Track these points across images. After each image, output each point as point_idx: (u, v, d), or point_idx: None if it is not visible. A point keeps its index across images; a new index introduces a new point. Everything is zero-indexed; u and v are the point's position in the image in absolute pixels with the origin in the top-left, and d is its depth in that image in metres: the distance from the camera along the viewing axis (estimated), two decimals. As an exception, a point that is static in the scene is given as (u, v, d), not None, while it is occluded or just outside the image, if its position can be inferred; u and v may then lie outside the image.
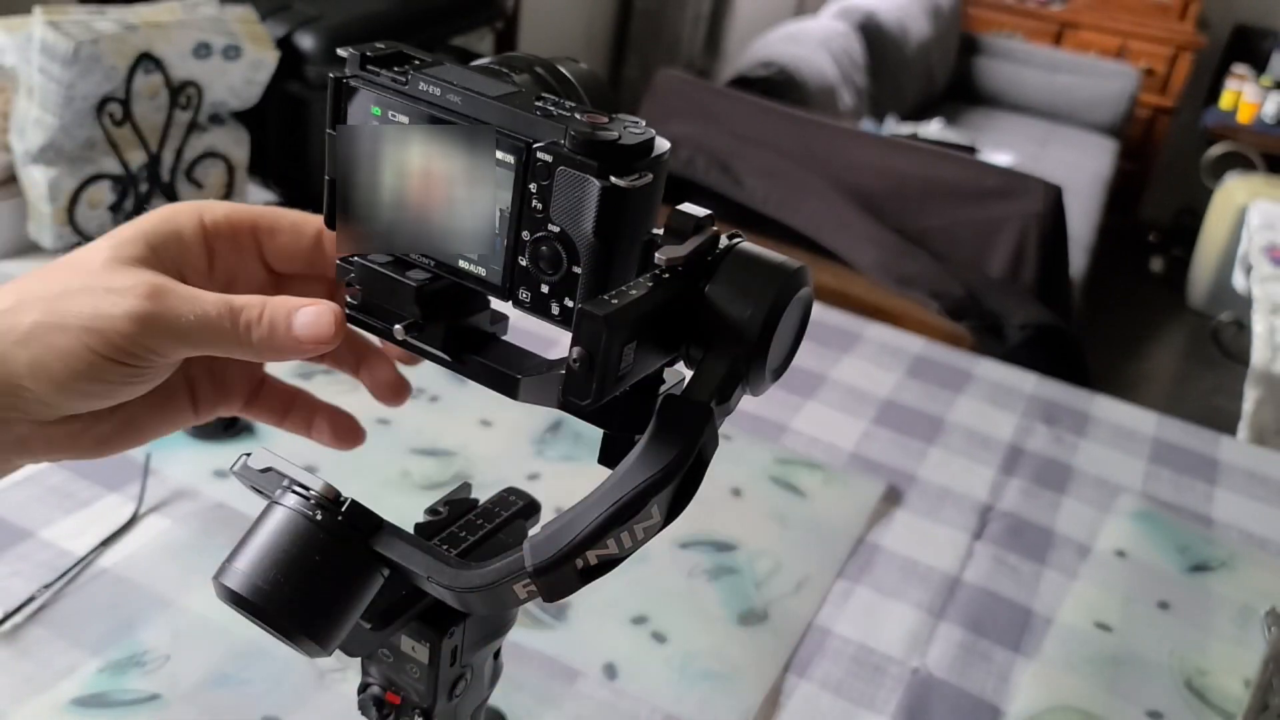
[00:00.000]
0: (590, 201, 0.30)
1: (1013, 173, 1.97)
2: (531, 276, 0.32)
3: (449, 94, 0.33)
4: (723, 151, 1.92)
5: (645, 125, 0.31)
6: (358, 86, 0.34)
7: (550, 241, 0.31)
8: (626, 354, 0.30)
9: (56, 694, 0.60)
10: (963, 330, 1.65)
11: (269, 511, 0.36)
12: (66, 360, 0.33)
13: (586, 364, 0.29)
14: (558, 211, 0.31)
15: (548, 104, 0.32)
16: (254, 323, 0.35)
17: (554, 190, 0.31)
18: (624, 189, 0.30)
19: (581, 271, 0.31)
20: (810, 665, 0.70)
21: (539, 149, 0.31)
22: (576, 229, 0.31)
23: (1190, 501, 0.94)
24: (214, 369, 0.41)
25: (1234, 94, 3.65)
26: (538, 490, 0.46)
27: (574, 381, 0.30)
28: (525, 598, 0.33)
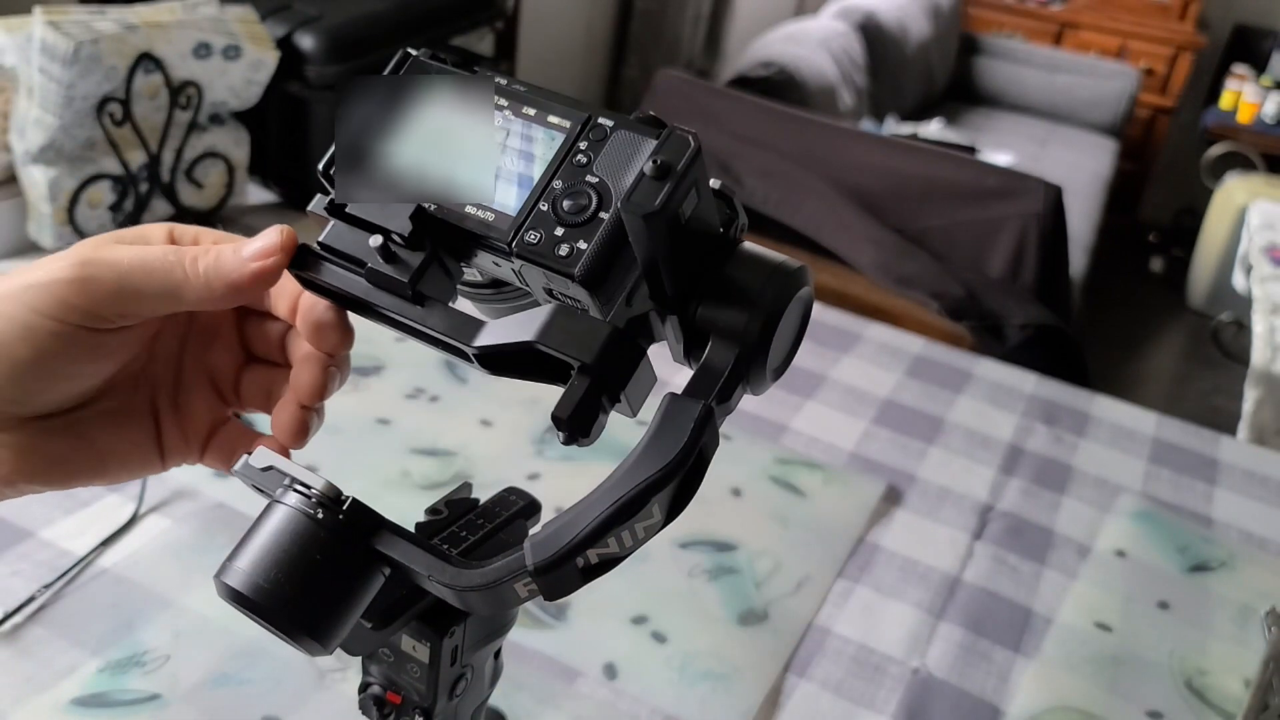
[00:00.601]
0: (642, 158, 0.32)
1: (1013, 173, 1.97)
2: (548, 220, 0.33)
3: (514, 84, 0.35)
4: (723, 151, 1.92)
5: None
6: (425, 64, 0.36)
7: (586, 189, 0.33)
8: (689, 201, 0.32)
9: (57, 694, 0.60)
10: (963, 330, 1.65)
11: (270, 510, 0.36)
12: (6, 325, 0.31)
13: (664, 171, 0.31)
14: (603, 165, 0.33)
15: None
16: (200, 254, 0.34)
17: (606, 147, 0.33)
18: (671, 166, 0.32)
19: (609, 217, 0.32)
20: (810, 665, 0.70)
21: (602, 116, 0.33)
22: (618, 181, 0.32)
23: (1190, 501, 0.94)
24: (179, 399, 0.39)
25: (1234, 94, 3.65)
26: (538, 490, 0.46)
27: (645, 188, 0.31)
28: (526, 597, 0.33)
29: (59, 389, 0.34)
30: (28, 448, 0.33)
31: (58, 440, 0.34)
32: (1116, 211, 3.49)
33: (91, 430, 0.36)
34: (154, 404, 0.38)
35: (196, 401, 0.39)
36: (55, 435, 0.34)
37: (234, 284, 0.34)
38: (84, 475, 0.36)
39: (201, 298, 0.34)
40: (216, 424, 0.39)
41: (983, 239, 1.85)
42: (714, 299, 0.32)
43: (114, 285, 0.32)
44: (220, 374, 0.40)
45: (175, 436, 0.38)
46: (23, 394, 0.33)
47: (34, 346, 0.32)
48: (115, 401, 0.37)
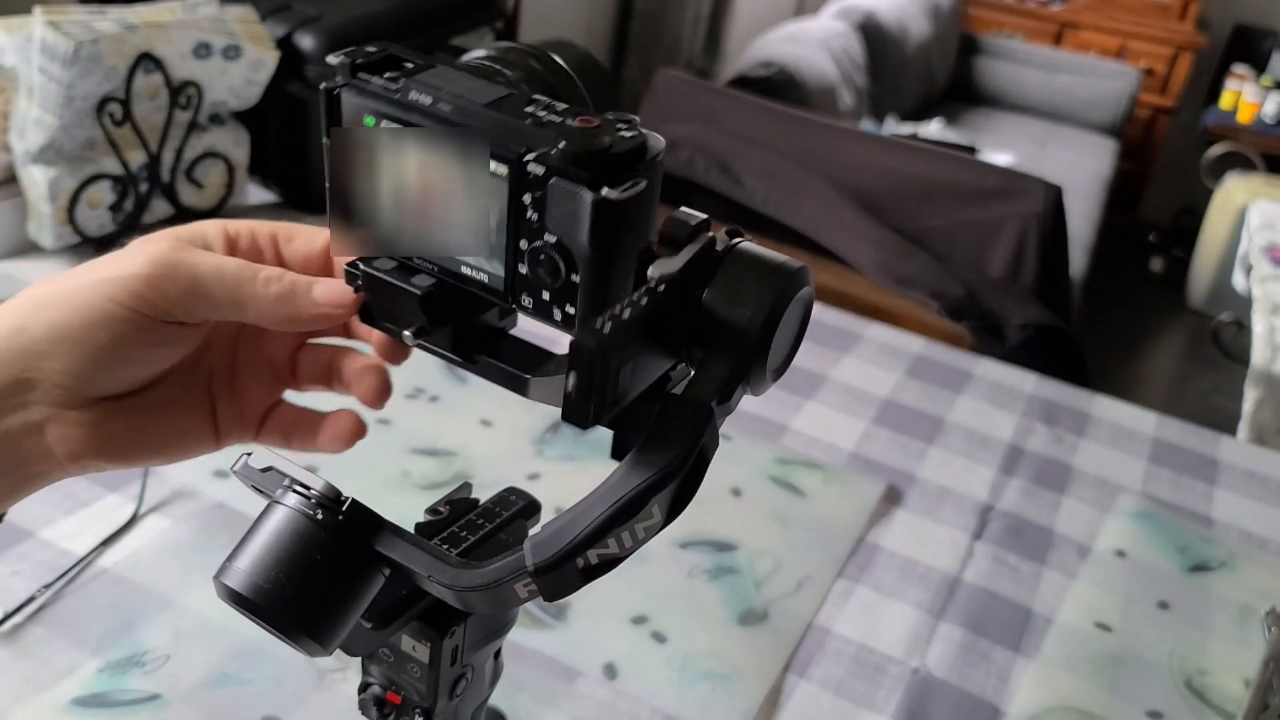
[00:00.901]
0: (584, 213, 0.30)
1: (1013, 173, 1.97)
2: (532, 283, 0.32)
3: (440, 103, 0.32)
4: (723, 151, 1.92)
5: (638, 124, 0.31)
6: (350, 96, 0.34)
7: (547, 250, 0.31)
8: (623, 375, 0.30)
9: (57, 694, 0.60)
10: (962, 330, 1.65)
11: (270, 511, 0.36)
12: (84, 314, 0.33)
13: (583, 392, 0.29)
14: (553, 221, 0.31)
15: (539, 108, 0.32)
16: (273, 279, 0.36)
17: (548, 200, 0.30)
18: (616, 201, 0.30)
19: (580, 280, 0.31)
20: (810, 665, 0.70)
21: (530, 161, 0.30)
22: (572, 239, 0.31)
23: (1190, 501, 0.94)
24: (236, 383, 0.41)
25: (1234, 94, 3.65)
26: (538, 490, 0.46)
27: (571, 407, 0.30)
28: (526, 597, 0.33)
29: (129, 372, 0.36)
30: (95, 426, 0.35)
31: (122, 419, 0.36)
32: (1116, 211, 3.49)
33: (153, 412, 0.37)
34: (210, 387, 0.40)
35: (252, 384, 0.41)
36: (120, 415, 0.36)
37: (295, 318, 0.36)
38: (144, 454, 0.38)
39: (261, 318, 0.36)
40: (271, 404, 0.42)
41: (983, 239, 1.85)
42: (714, 299, 0.32)
43: (187, 288, 0.35)
44: (276, 357, 0.42)
45: (231, 417, 0.40)
46: (97, 375, 0.35)
47: (111, 332, 0.34)
48: (175, 385, 0.38)
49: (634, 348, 0.30)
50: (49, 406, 0.34)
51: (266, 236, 0.40)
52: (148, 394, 0.37)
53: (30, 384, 0.34)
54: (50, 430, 0.35)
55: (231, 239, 0.39)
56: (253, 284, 0.35)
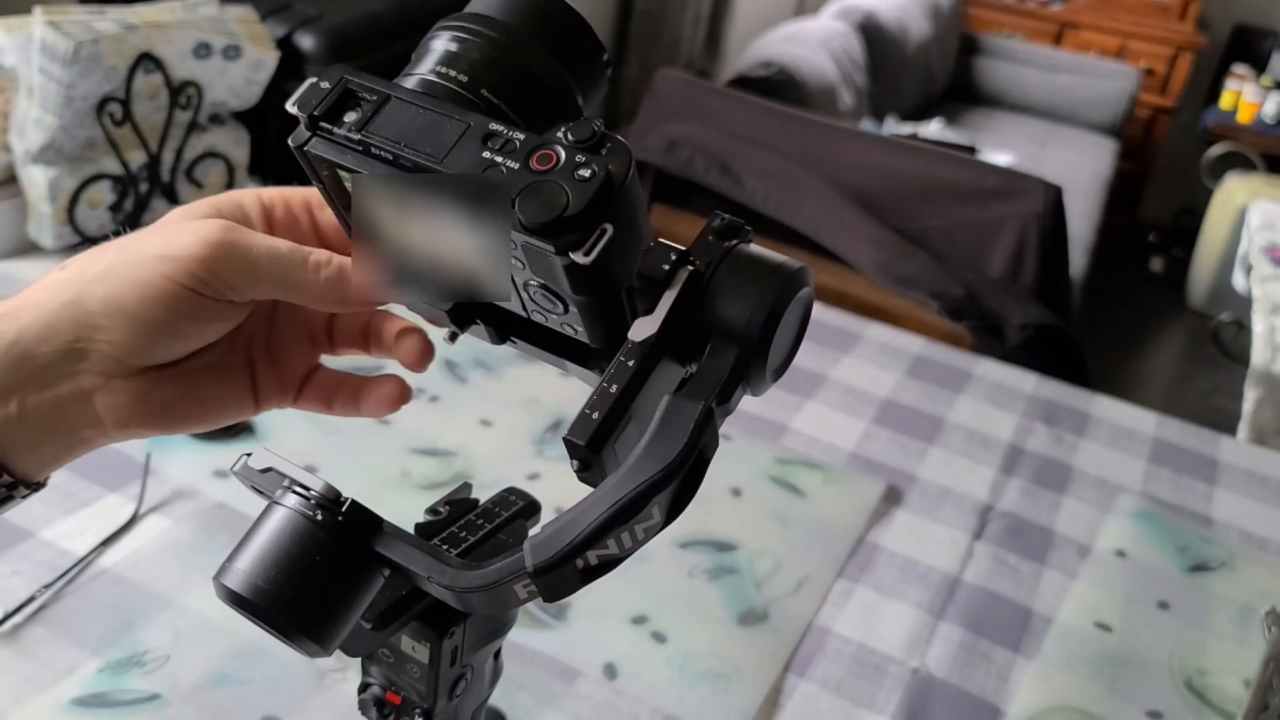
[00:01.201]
0: (559, 271, 0.31)
1: (1013, 173, 1.97)
2: (542, 305, 0.34)
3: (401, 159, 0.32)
4: (723, 151, 1.92)
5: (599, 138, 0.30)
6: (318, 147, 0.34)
7: (541, 289, 0.32)
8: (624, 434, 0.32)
9: (57, 694, 0.60)
10: (962, 330, 1.65)
11: (269, 512, 0.36)
12: (142, 289, 0.34)
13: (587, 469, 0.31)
14: (537, 270, 0.32)
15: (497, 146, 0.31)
16: (323, 264, 0.36)
17: (525, 254, 0.31)
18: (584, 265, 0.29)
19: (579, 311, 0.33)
20: (810, 665, 0.70)
21: None
22: (558, 286, 0.32)
23: (1190, 501, 0.94)
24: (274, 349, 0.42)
25: (1234, 94, 3.65)
26: (538, 490, 0.46)
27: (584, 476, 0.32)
28: (526, 598, 0.33)
29: (179, 345, 0.37)
30: (143, 394, 0.36)
31: (168, 387, 0.37)
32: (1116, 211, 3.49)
33: (197, 380, 0.38)
34: (250, 353, 0.41)
35: (290, 350, 0.42)
36: (166, 383, 0.37)
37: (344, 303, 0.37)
38: (189, 421, 0.39)
39: (310, 302, 0.37)
40: (310, 370, 0.42)
41: (983, 239, 1.85)
42: (714, 300, 0.32)
43: (242, 270, 0.35)
44: (314, 322, 0.42)
45: (270, 384, 0.41)
46: (150, 348, 0.36)
47: (168, 308, 0.35)
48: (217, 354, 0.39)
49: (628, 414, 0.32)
50: (99, 376, 0.35)
51: (300, 204, 0.40)
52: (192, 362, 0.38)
53: (82, 354, 0.35)
54: (99, 398, 0.35)
55: (267, 209, 0.40)
56: (304, 269, 0.36)
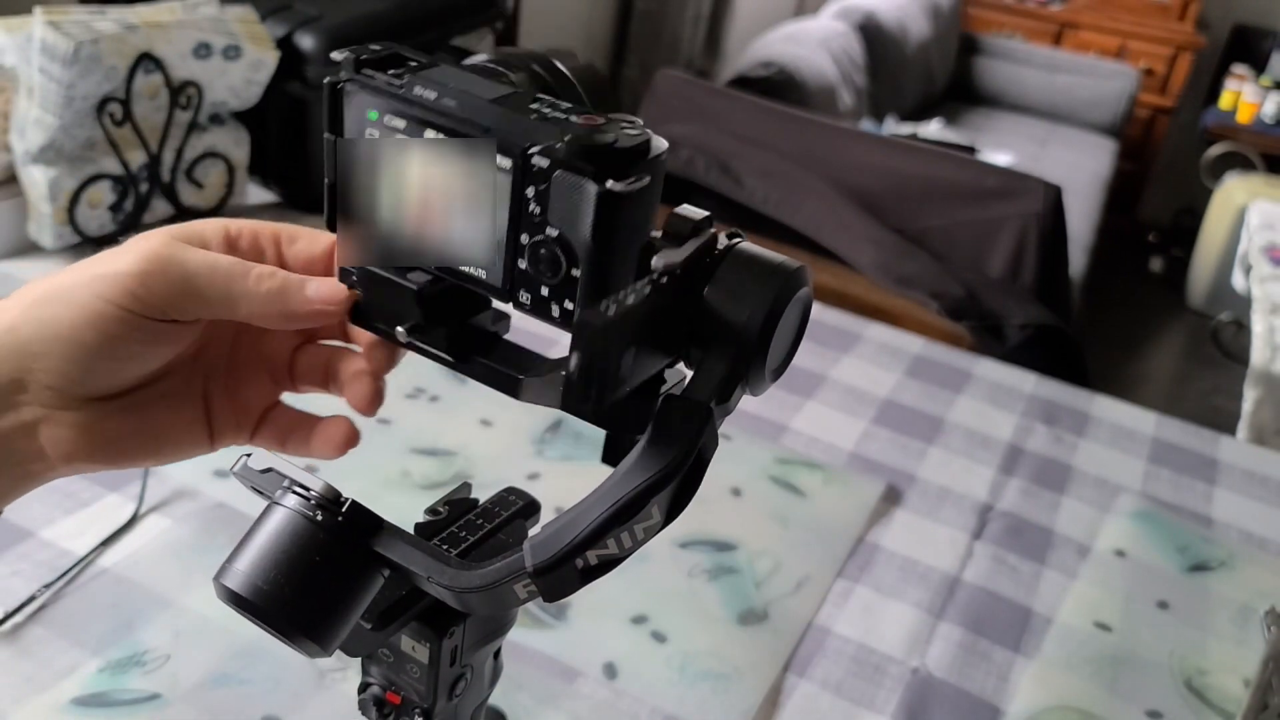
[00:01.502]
0: (587, 206, 0.30)
1: (1012, 173, 1.97)
2: (531, 279, 0.32)
3: (445, 98, 0.32)
4: (723, 151, 1.92)
5: (642, 126, 0.31)
6: (353, 90, 0.34)
7: (549, 245, 0.31)
8: (625, 361, 0.30)
9: (57, 694, 0.60)
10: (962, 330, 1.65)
11: (269, 512, 0.36)
12: (74, 312, 0.33)
13: (584, 373, 0.29)
14: (555, 215, 0.31)
15: (543, 105, 0.32)
16: (265, 276, 0.35)
17: (551, 194, 0.30)
18: (620, 193, 0.30)
19: (580, 274, 0.31)
20: (810, 665, 0.70)
21: (535, 153, 0.31)
22: (574, 233, 0.31)
23: (1190, 501, 0.94)
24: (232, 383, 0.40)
25: (1233, 94, 3.65)
26: (538, 490, 0.46)
27: (573, 391, 0.30)
28: (525, 598, 0.33)
29: (121, 371, 0.35)
30: (88, 426, 0.35)
31: (115, 420, 0.36)
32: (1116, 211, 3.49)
33: (147, 412, 0.37)
34: (206, 387, 0.40)
35: (249, 385, 0.41)
36: (113, 415, 0.36)
37: (288, 315, 0.36)
38: (137, 455, 0.37)
39: (254, 316, 0.36)
40: (268, 406, 0.41)
41: (983, 239, 1.85)
42: (713, 299, 0.32)
43: (179, 284, 0.34)
44: (275, 357, 0.41)
45: (226, 418, 0.40)
46: (88, 375, 0.34)
47: (100, 331, 0.33)
48: (170, 384, 0.38)
49: (636, 335, 0.30)
50: (41, 407, 0.34)
51: (269, 237, 0.39)
52: (142, 394, 0.37)
53: (21, 384, 0.33)
54: (43, 431, 0.34)
55: (232, 239, 0.38)
56: (244, 281, 0.35)
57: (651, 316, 0.31)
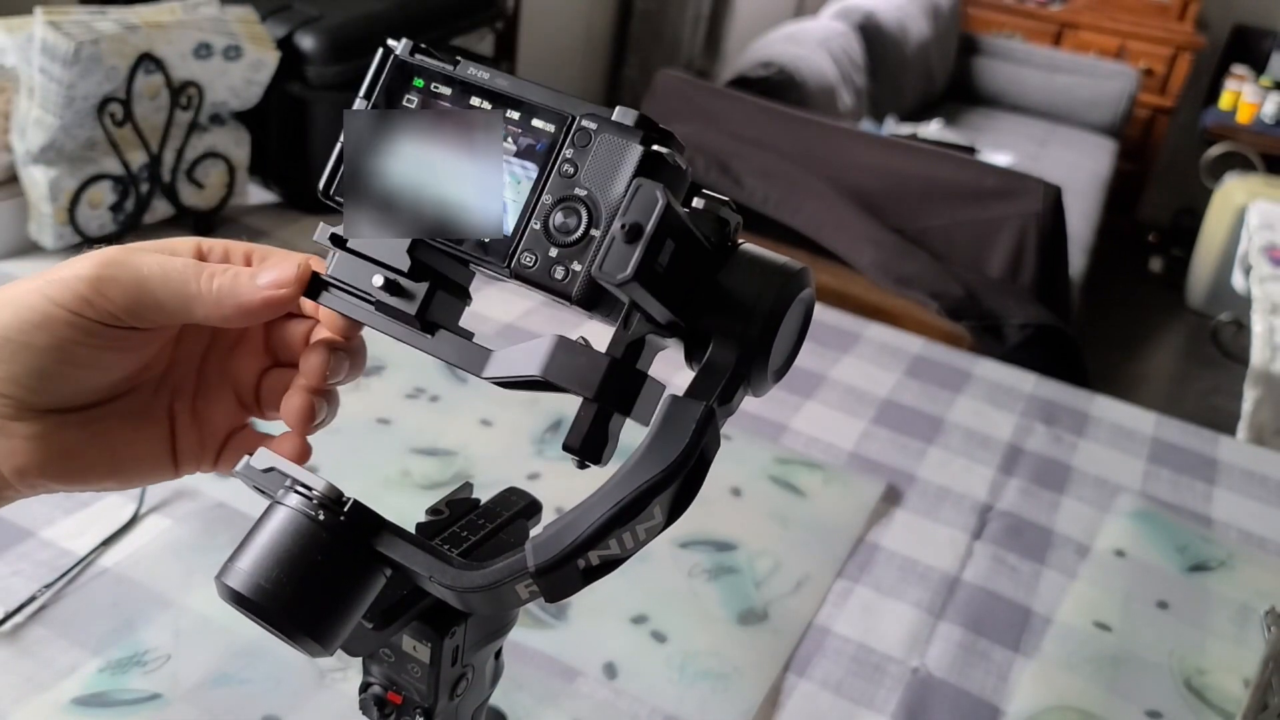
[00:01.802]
0: (628, 165, 0.32)
1: (1012, 173, 1.97)
2: (540, 240, 0.33)
3: (497, 79, 0.34)
4: (722, 152, 1.92)
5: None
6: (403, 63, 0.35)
7: (574, 203, 0.32)
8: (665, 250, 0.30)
9: (57, 693, 0.60)
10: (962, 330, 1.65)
11: (271, 511, 0.36)
12: (23, 315, 0.33)
13: (634, 233, 0.30)
14: (590, 174, 0.32)
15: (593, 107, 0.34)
16: (218, 273, 0.35)
17: (591, 154, 0.32)
18: (663, 154, 0.32)
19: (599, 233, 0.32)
20: (810, 665, 0.70)
21: (584, 117, 0.33)
22: (606, 192, 0.32)
23: (1189, 501, 0.94)
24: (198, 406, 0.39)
25: (1233, 94, 3.65)
26: (538, 490, 0.46)
27: (614, 254, 0.30)
28: (527, 598, 0.33)
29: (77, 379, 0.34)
30: (45, 440, 0.34)
31: (74, 435, 0.35)
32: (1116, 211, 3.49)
33: (108, 430, 0.36)
34: (172, 409, 0.39)
35: (215, 408, 0.40)
36: (72, 430, 0.35)
37: (242, 307, 0.35)
38: (97, 475, 0.36)
39: (210, 315, 0.35)
40: (233, 431, 0.40)
41: (982, 239, 1.85)
42: (716, 301, 0.32)
43: (131, 288, 0.34)
44: (242, 380, 0.40)
45: (191, 442, 0.39)
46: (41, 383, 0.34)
47: (51, 335, 0.33)
48: (134, 403, 0.37)
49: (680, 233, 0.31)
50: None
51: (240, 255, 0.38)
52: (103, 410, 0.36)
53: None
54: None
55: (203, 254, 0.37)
56: (197, 281, 0.34)
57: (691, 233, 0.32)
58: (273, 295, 0.35)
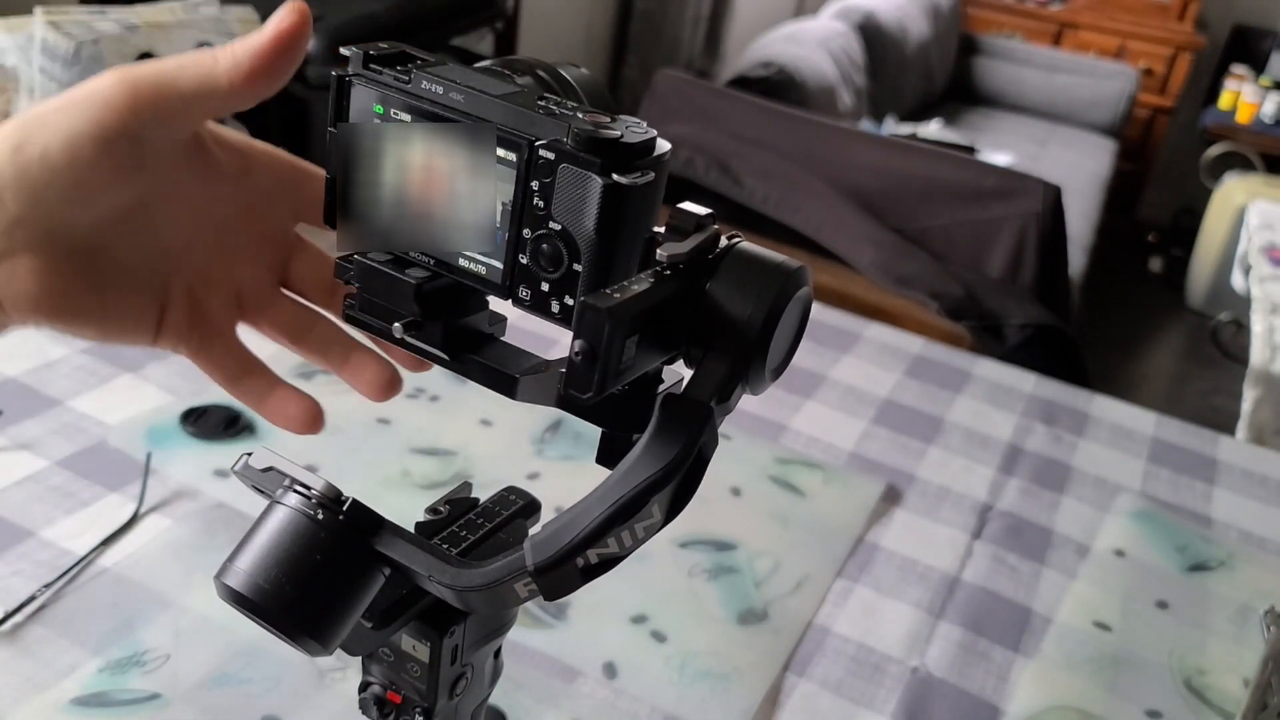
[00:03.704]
0: (592, 199, 0.30)
1: (1012, 173, 1.98)
2: (532, 274, 0.33)
3: (452, 92, 0.33)
4: (722, 152, 1.92)
5: (646, 126, 0.32)
6: (360, 84, 0.34)
7: (551, 239, 0.31)
8: (628, 348, 0.30)
9: (57, 693, 0.60)
10: (962, 330, 1.65)
11: (270, 511, 0.36)
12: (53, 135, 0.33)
13: (588, 357, 0.29)
14: (559, 209, 0.31)
15: (550, 103, 0.33)
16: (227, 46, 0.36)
17: (556, 187, 0.31)
18: (626, 186, 0.30)
19: (582, 269, 0.31)
20: (810, 664, 0.70)
21: (541, 146, 0.31)
22: (578, 226, 0.31)
23: (1189, 501, 0.94)
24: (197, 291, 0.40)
25: (1233, 94, 3.65)
26: (538, 489, 0.46)
27: (575, 375, 0.30)
28: (526, 597, 0.33)
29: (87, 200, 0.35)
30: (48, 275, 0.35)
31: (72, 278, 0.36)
32: (1115, 211, 3.49)
33: (105, 283, 0.37)
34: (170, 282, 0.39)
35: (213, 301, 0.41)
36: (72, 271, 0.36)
37: (259, 52, 0.35)
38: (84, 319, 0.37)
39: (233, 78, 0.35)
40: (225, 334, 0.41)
41: (982, 239, 1.85)
42: (713, 300, 0.32)
43: (154, 81, 0.34)
44: (250, 290, 0.41)
45: (178, 320, 0.40)
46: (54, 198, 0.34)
47: (72, 151, 0.33)
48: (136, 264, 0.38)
49: (640, 323, 0.30)
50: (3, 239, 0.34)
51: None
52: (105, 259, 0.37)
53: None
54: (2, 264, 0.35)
55: None
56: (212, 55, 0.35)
57: (655, 306, 0.31)
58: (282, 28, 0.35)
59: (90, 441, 0.79)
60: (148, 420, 0.82)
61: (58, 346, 0.88)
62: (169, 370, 0.88)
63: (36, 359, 0.86)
